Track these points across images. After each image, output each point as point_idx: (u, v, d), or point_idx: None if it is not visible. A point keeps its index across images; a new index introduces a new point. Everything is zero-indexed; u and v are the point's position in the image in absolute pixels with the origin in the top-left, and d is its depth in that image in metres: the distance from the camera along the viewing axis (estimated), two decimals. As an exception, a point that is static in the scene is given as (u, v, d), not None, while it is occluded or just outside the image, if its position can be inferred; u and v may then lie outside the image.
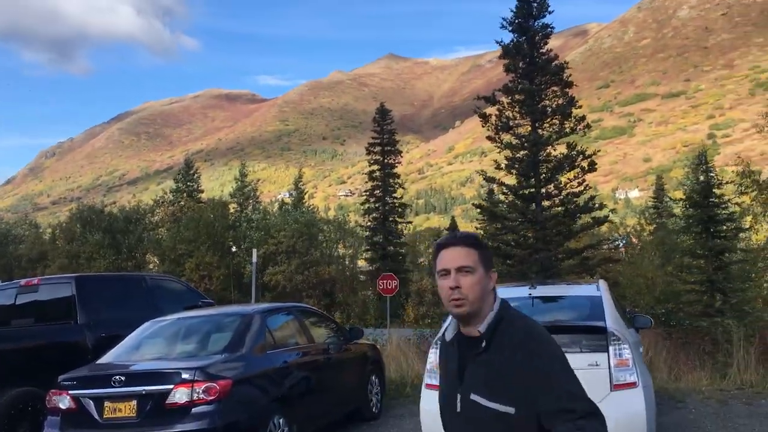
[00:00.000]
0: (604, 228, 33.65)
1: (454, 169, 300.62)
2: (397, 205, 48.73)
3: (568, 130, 21.27)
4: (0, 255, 53.72)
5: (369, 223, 48.97)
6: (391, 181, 48.37)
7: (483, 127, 21.69)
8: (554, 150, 21.65)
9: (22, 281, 9.33)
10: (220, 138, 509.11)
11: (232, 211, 53.63)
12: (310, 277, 43.08)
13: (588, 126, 21.40)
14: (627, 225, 48.67)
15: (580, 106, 22.09)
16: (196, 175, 64.19)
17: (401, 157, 50.38)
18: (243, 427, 6.16)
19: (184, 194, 61.03)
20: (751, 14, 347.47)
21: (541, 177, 21.24)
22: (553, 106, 21.95)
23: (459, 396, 2.36)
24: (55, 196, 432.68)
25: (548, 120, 21.96)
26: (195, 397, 5.88)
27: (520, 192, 21.57)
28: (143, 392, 5.98)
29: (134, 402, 5.99)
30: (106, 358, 6.97)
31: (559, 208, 21.45)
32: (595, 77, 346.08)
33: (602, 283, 6.83)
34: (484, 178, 21.19)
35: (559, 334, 5.62)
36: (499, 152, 21.99)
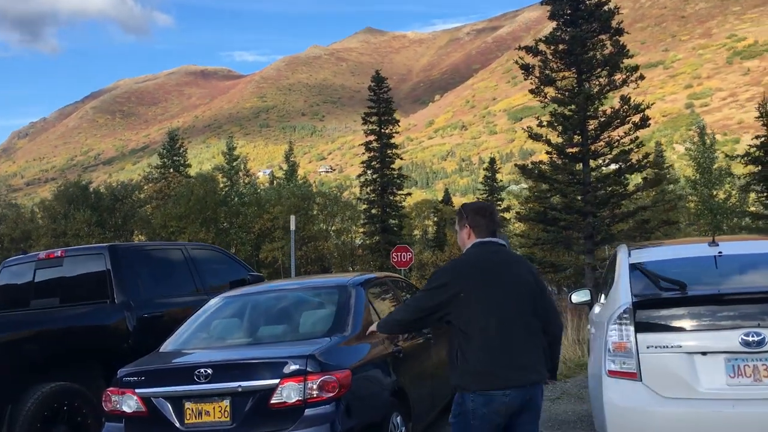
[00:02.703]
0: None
1: (435, 143, 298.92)
2: (395, 176, 47.28)
3: (619, 82, 19.69)
4: (-20, 235, 51.55)
5: (366, 196, 47.51)
6: (389, 151, 46.85)
7: (525, 80, 19.99)
8: (601, 104, 20.03)
9: (42, 253, 7.74)
10: (197, 115, 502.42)
11: (221, 185, 51.79)
12: (308, 252, 41.66)
13: (641, 77, 19.87)
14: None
15: (632, 56, 20.48)
16: (182, 149, 62.16)
17: (399, 126, 48.88)
18: (363, 431, 4.73)
19: (170, 169, 59.00)
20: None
21: (589, 134, 19.67)
22: (605, 55, 19.88)
23: None
24: (30, 177, 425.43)
25: (595, 72, 20.13)
26: (308, 395, 4.43)
27: (567, 151, 19.92)
28: (239, 389, 4.50)
29: (227, 402, 4.52)
30: (170, 346, 5.43)
31: (610, 167, 19.91)
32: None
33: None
34: (529, 135, 19.54)
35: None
36: (544, 107, 20.28)
